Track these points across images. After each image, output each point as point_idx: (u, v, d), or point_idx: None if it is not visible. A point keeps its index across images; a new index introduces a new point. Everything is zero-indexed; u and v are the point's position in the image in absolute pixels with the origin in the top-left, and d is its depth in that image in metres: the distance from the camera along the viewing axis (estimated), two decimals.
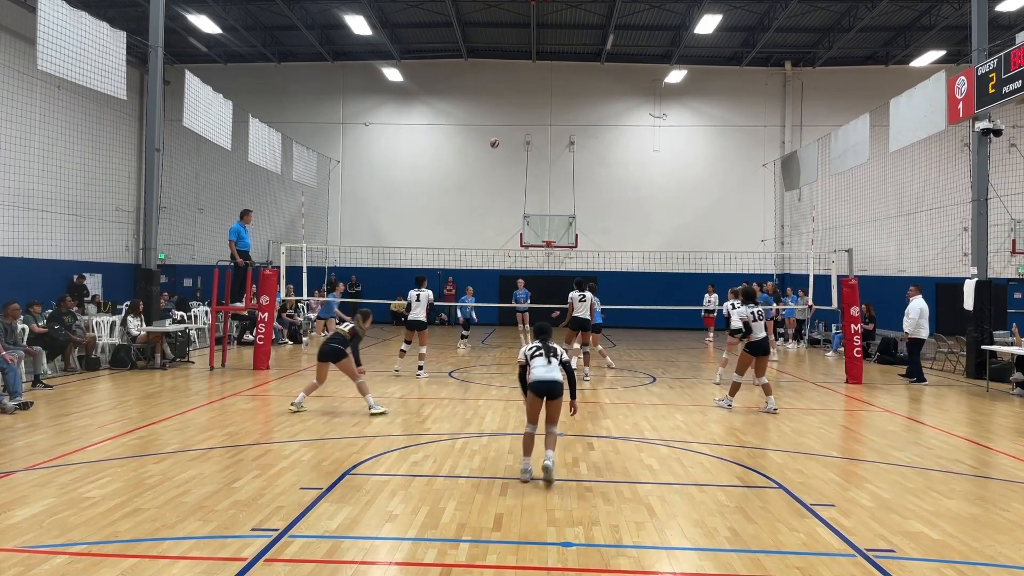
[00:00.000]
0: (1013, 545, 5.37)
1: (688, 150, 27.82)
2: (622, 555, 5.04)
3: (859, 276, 15.03)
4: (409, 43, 26.80)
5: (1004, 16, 21.22)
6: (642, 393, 12.37)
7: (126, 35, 14.75)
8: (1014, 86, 12.69)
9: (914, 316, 14.00)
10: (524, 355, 7.00)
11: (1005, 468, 7.70)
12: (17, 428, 8.70)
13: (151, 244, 15.87)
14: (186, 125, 15.95)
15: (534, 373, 6.80)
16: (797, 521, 5.78)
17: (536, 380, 6.76)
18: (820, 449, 8.37)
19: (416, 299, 13.71)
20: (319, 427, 9.06)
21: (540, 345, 6.99)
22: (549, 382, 6.75)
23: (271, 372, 14.02)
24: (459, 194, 27.81)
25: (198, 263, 26.57)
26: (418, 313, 13.66)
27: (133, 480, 6.55)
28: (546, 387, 6.75)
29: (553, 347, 6.98)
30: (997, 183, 16.38)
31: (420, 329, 13.72)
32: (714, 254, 23.84)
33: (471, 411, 10.30)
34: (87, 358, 13.87)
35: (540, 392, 6.76)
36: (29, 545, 4.97)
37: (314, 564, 4.76)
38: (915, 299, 14.16)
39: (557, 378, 6.78)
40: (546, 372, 6.78)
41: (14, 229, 19.54)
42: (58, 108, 20.98)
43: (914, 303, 14.11)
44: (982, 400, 12.26)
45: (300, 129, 26.55)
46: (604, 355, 15.82)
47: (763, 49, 25.57)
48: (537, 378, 6.77)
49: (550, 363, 6.83)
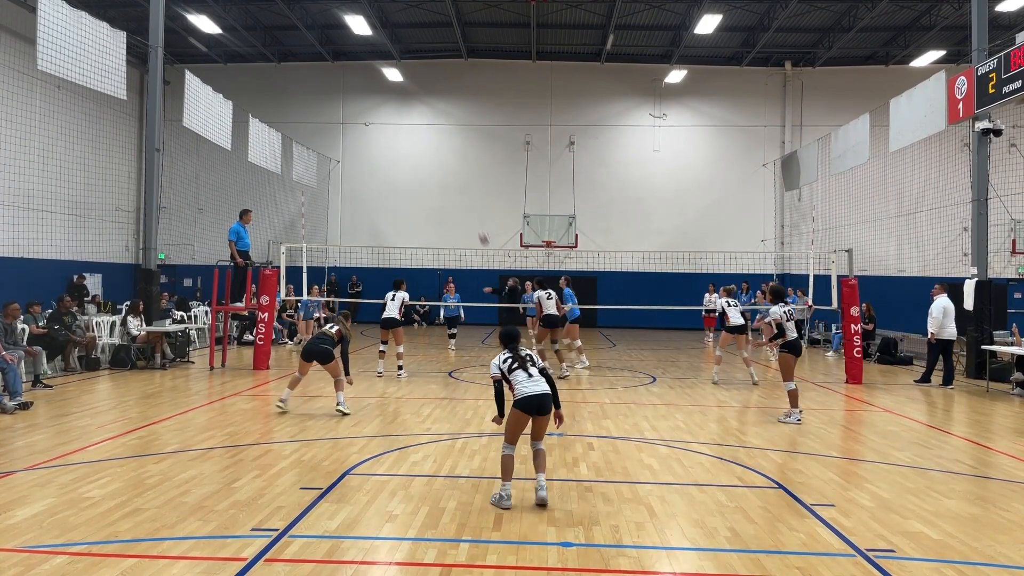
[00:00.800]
0: (1013, 545, 5.37)
1: (688, 150, 27.82)
2: (622, 555, 5.04)
3: (859, 276, 15.03)
4: (409, 43, 26.80)
5: (1004, 16, 21.21)
6: (642, 393, 12.37)
7: (126, 35, 14.75)
8: (1014, 86, 12.69)
9: (938, 315, 13.46)
10: (499, 368, 6.24)
11: (1005, 468, 7.70)
12: (17, 428, 8.70)
13: (151, 244, 15.87)
14: (186, 125, 15.95)
15: (520, 388, 6.08)
16: (797, 521, 5.78)
17: (526, 396, 6.03)
18: (820, 449, 8.37)
19: (391, 299, 13.85)
20: (319, 427, 9.06)
21: (512, 355, 6.24)
22: (540, 396, 6.05)
23: (271, 372, 14.02)
24: (459, 194, 27.81)
25: (198, 263, 26.57)
26: (391, 312, 13.78)
27: (133, 480, 6.55)
28: (537, 402, 6.04)
29: (528, 355, 6.31)
30: (997, 183, 16.38)
31: (393, 327, 13.82)
32: (714, 254, 23.84)
33: (471, 411, 10.30)
34: (87, 358, 13.87)
35: (531, 409, 6.05)
36: (29, 545, 4.97)
37: (314, 564, 4.76)
38: (939, 298, 13.63)
39: (546, 390, 6.11)
40: (534, 386, 6.07)
41: (14, 229, 19.54)
42: (58, 108, 20.97)
43: (938, 302, 13.58)
44: (982, 400, 12.26)
45: (300, 129, 26.55)
46: (581, 352, 15.62)
47: (763, 49, 25.56)
48: (527, 394, 6.04)
49: (531, 375, 6.15)
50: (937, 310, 13.54)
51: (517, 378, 6.14)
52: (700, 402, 11.53)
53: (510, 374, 6.18)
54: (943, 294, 13.72)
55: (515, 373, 6.16)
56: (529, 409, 6.06)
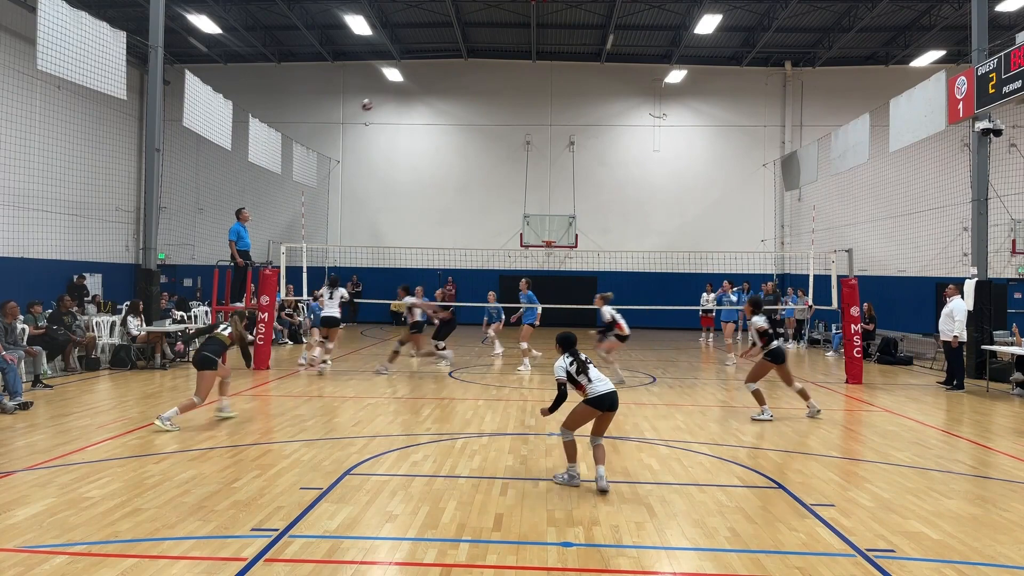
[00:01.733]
0: (1013, 545, 5.37)
1: (688, 150, 27.81)
2: (622, 555, 5.04)
3: (859, 276, 15.02)
4: (409, 43, 26.79)
5: (1004, 16, 21.21)
6: (642, 393, 12.37)
7: (126, 35, 14.74)
8: (1014, 86, 12.69)
9: (960, 317, 13.07)
10: (564, 371, 6.72)
11: (1005, 468, 7.70)
12: (17, 428, 8.70)
13: (151, 244, 15.86)
14: (186, 125, 15.95)
15: (593, 388, 6.59)
16: (797, 521, 5.78)
17: (600, 394, 6.57)
18: (820, 449, 8.38)
19: (329, 297, 14.17)
20: (319, 427, 9.06)
21: (574, 359, 6.73)
22: (611, 394, 6.63)
23: (271, 372, 14.02)
24: (459, 194, 27.81)
25: (198, 263, 26.57)
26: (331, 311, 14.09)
27: (133, 480, 6.55)
28: (610, 400, 6.61)
29: (587, 358, 6.86)
30: (997, 183, 16.39)
31: (334, 326, 14.21)
32: (714, 254, 23.82)
33: (471, 411, 10.30)
34: (87, 358, 13.87)
35: (603, 405, 6.61)
36: (29, 545, 4.97)
37: (314, 564, 4.76)
38: (954, 299, 13.38)
39: (614, 389, 6.72)
40: (603, 385, 6.65)
41: (14, 229, 19.53)
42: (58, 108, 20.97)
43: (957, 303, 13.30)
44: (982, 400, 12.25)
45: (300, 129, 26.55)
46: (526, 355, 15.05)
47: (763, 49, 25.56)
48: (600, 392, 6.58)
49: (600, 376, 6.72)
50: (960, 312, 13.16)
51: (590, 377, 6.66)
52: (700, 402, 11.54)
53: (578, 376, 6.66)
54: (958, 295, 13.50)
55: (582, 375, 6.66)
56: (602, 406, 6.62)
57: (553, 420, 9.55)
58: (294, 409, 10.18)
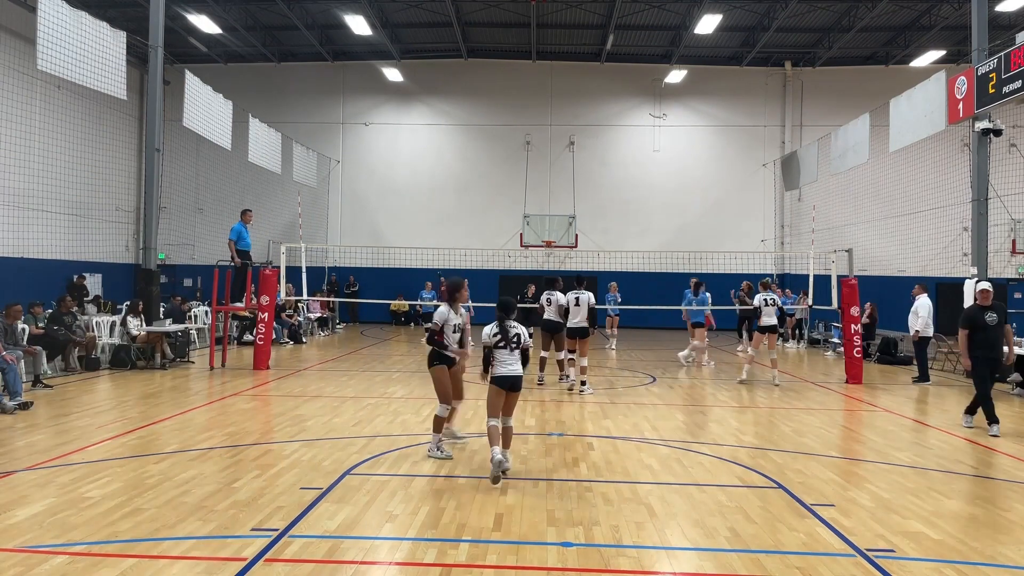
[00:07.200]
0: (1013, 545, 5.37)
1: (688, 150, 27.81)
2: (622, 555, 5.04)
3: (859, 276, 15.02)
4: (409, 43, 26.79)
5: (1004, 16, 21.21)
6: (642, 393, 12.36)
7: (126, 35, 14.74)
8: (1014, 86, 12.70)
9: (924, 315, 13.89)
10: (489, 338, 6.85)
11: (1005, 468, 7.69)
12: (17, 428, 8.70)
13: (151, 244, 15.85)
14: (186, 125, 15.95)
15: (497, 368, 6.74)
16: (797, 521, 5.78)
17: (501, 375, 6.74)
18: (820, 449, 8.37)
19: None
20: (319, 427, 9.06)
21: (500, 332, 6.80)
22: (513, 377, 6.76)
23: (271, 372, 14.02)
24: (459, 194, 27.80)
25: (198, 263, 26.57)
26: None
27: (133, 480, 6.55)
28: (510, 382, 6.77)
29: (517, 334, 6.84)
30: (997, 183, 16.39)
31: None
32: (714, 254, 23.83)
33: (471, 411, 10.29)
34: (87, 358, 13.87)
35: (504, 385, 6.76)
36: (29, 545, 4.97)
37: (314, 564, 4.76)
38: (921, 297, 14.11)
39: (520, 372, 6.81)
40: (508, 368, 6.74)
41: (14, 229, 19.53)
42: (58, 108, 20.97)
43: (922, 301, 14.04)
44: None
45: (300, 129, 26.55)
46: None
47: (763, 49, 25.56)
48: (502, 374, 6.74)
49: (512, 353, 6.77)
50: (924, 309, 13.95)
51: (499, 356, 6.75)
52: (700, 402, 11.53)
53: (495, 349, 6.77)
54: (925, 294, 14.24)
55: (499, 351, 6.75)
56: (503, 385, 6.74)
57: (553, 420, 9.56)
58: (294, 409, 10.18)
